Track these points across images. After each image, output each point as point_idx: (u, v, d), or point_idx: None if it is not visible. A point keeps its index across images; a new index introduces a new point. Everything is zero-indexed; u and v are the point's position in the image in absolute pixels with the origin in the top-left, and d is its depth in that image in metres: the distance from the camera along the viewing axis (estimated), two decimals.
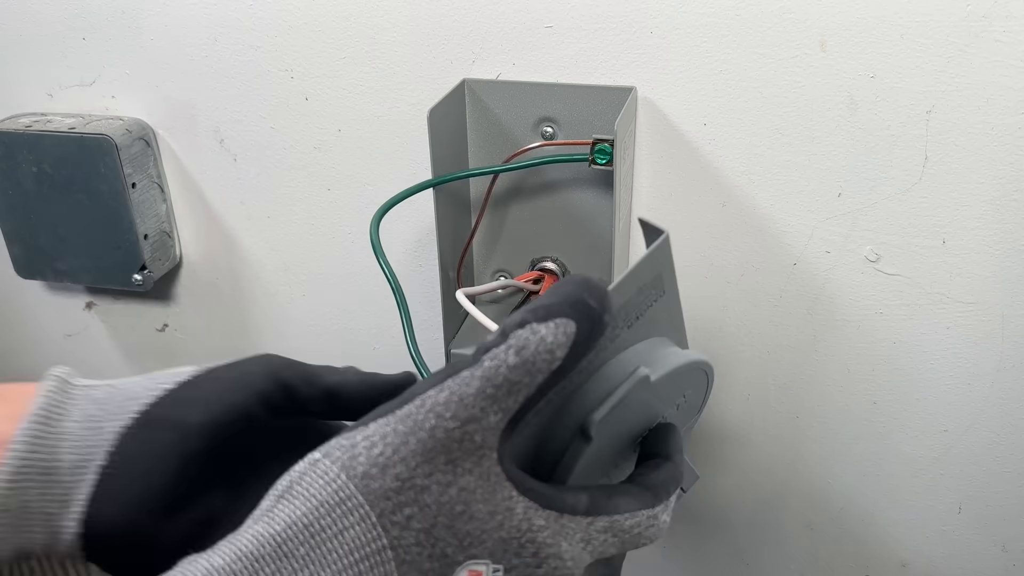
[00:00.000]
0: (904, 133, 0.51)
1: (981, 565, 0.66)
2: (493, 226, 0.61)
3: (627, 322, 0.33)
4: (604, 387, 0.32)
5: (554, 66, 0.55)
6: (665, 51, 0.53)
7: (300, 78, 0.61)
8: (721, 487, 0.69)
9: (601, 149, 0.50)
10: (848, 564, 0.70)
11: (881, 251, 0.56)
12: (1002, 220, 0.52)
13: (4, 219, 0.68)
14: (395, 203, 0.53)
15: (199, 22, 0.61)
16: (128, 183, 0.64)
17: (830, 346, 0.60)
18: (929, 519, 0.65)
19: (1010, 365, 0.57)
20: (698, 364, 0.35)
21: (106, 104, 0.66)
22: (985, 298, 0.55)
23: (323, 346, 0.72)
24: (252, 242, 0.69)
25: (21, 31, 0.65)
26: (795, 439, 0.65)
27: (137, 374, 0.39)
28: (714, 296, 0.60)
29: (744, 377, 0.63)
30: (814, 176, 0.54)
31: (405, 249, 0.65)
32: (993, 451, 0.61)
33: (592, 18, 0.53)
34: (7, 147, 0.64)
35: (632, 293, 0.32)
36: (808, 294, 0.58)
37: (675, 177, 0.57)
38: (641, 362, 0.33)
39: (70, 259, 0.68)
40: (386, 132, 0.61)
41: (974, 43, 0.48)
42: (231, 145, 0.65)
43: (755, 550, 0.72)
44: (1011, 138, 0.50)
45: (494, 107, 0.57)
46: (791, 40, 0.51)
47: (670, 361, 0.34)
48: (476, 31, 0.56)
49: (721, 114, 0.54)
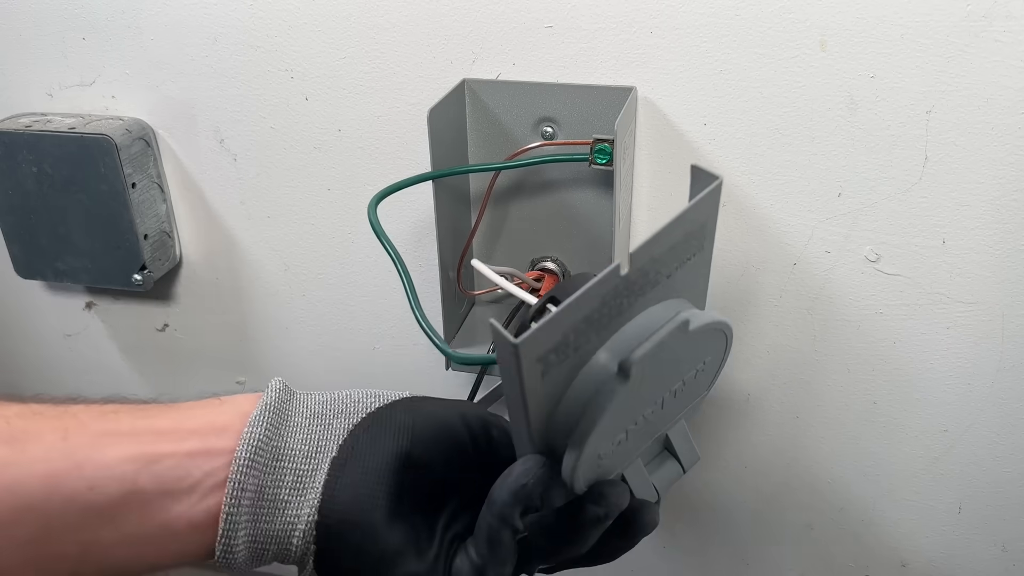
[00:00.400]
0: (904, 133, 0.51)
1: (981, 565, 0.66)
2: (493, 226, 0.61)
3: (667, 271, 0.33)
4: (642, 331, 0.32)
5: (554, 66, 0.55)
6: (665, 51, 0.53)
7: (300, 78, 0.61)
8: (721, 487, 0.69)
9: (601, 149, 0.50)
10: (848, 564, 0.70)
11: (881, 251, 0.56)
12: (1002, 220, 0.52)
13: (4, 219, 0.68)
14: (393, 190, 0.53)
15: (199, 22, 0.61)
16: (128, 183, 0.64)
17: (830, 346, 0.60)
18: (929, 519, 0.65)
19: (1010, 365, 0.57)
20: (725, 325, 0.35)
21: (106, 104, 0.66)
22: (985, 298, 0.55)
23: (323, 346, 0.72)
24: (252, 242, 0.69)
25: (21, 31, 0.65)
26: (795, 439, 0.65)
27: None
28: (714, 296, 0.60)
29: (744, 377, 0.63)
30: (814, 176, 0.54)
31: (405, 249, 0.65)
32: (993, 451, 0.61)
33: (592, 18, 0.53)
34: (7, 147, 0.64)
35: (679, 238, 0.32)
36: (808, 294, 0.58)
37: (675, 177, 0.57)
38: (678, 310, 0.33)
39: (70, 259, 0.68)
40: (386, 132, 0.61)
41: (974, 43, 0.48)
42: (231, 145, 0.65)
43: (755, 550, 0.72)
44: (1011, 138, 0.50)
45: (494, 107, 0.57)
46: (791, 40, 0.51)
47: (706, 315, 0.34)
48: (476, 31, 0.56)
49: (721, 114, 0.54)
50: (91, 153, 0.63)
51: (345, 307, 0.70)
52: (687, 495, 0.71)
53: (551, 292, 0.38)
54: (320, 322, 0.71)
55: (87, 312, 0.78)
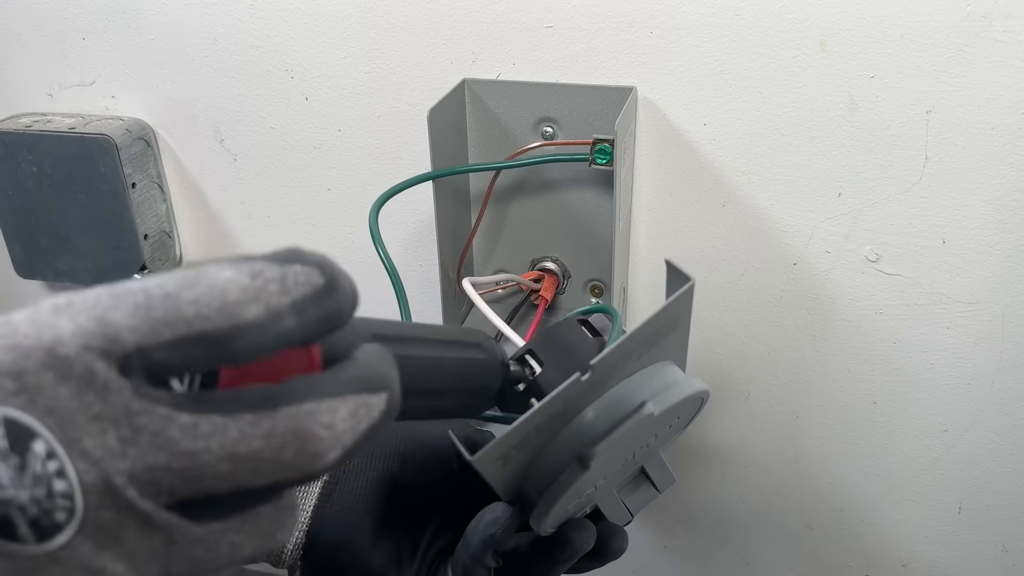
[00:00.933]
0: (904, 133, 0.51)
1: (981, 565, 0.66)
2: (493, 226, 0.61)
3: (638, 353, 0.33)
4: (608, 416, 0.33)
5: (554, 66, 0.55)
6: (665, 51, 0.53)
7: (300, 78, 0.61)
8: (721, 487, 0.69)
9: (601, 149, 0.50)
10: (848, 564, 0.70)
11: (881, 251, 0.56)
12: (1002, 220, 0.52)
13: (4, 219, 0.68)
14: (395, 193, 0.52)
15: (199, 22, 0.61)
16: (128, 183, 0.64)
17: (830, 346, 0.60)
18: (929, 519, 0.65)
19: (1010, 365, 0.57)
20: (699, 395, 0.36)
21: (106, 104, 0.66)
22: (985, 298, 0.55)
23: None
24: (252, 242, 0.69)
25: (21, 31, 0.65)
26: (795, 439, 0.65)
27: None
28: (714, 296, 0.60)
29: (744, 377, 0.63)
30: (814, 176, 0.54)
31: (405, 249, 0.65)
32: (993, 451, 0.61)
33: (592, 18, 0.53)
34: (7, 147, 0.64)
35: (649, 333, 0.33)
36: (808, 294, 0.58)
37: (675, 177, 0.57)
38: (646, 391, 0.33)
39: (70, 259, 0.68)
40: (386, 132, 0.61)
41: (974, 43, 0.48)
42: (231, 145, 0.65)
43: (755, 550, 0.72)
44: (1011, 138, 0.50)
45: (494, 107, 0.57)
46: (791, 40, 0.51)
47: (674, 394, 0.34)
48: (476, 31, 0.56)
49: (721, 114, 0.54)
50: (91, 153, 0.63)
51: None
52: (687, 495, 0.71)
53: (529, 344, 0.38)
54: None
55: None
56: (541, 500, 0.34)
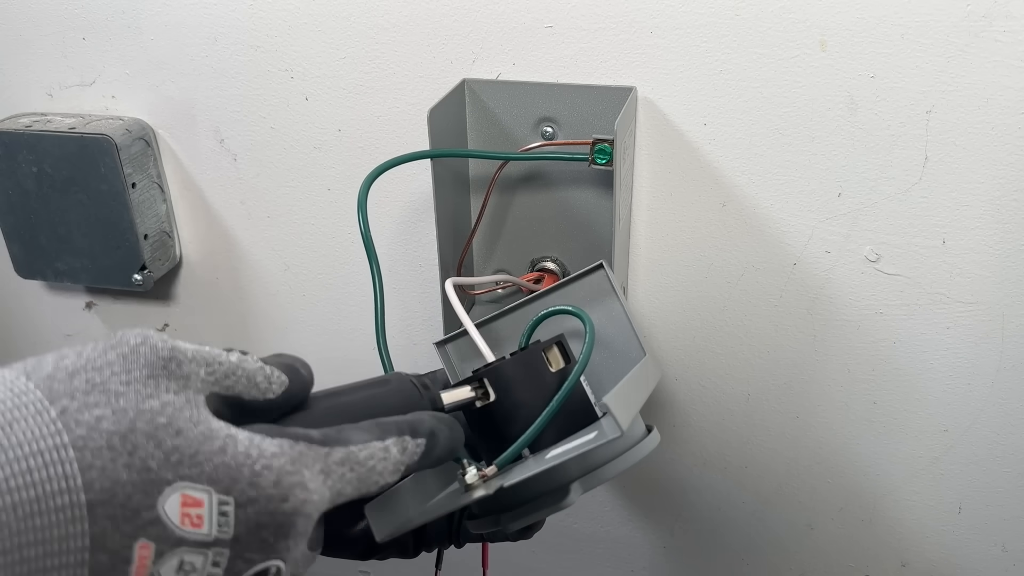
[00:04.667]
0: (904, 133, 0.51)
1: (981, 565, 0.66)
2: (493, 226, 0.61)
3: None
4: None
5: (554, 66, 0.55)
6: (665, 51, 0.53)
7: (300, 78, 0.61)
8: (721, 487, 0.69)
9: (601, 149, 0.50)
10: (848, 564, 0.70)
11: (881, 251, 0.56)
12: (1002, 220, 0.52)
13: (4, 219, 0.68)
14: (389, 167, 0.51)
15: (199, 22, 0.61)
16: (128, 183, 0.64)
17: (830, 346, 0.60)
18: (929, 519, 0.65)
19: (1010, 365, 0.57)
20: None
21: (106, 104, 0.66)
22: (985, 298, 0.55)
23: (323, 346, 0.72)
24: (252, 242, 0.69)
25: (21, 31, 0.65)
26: (795, 439, 0.65)
27: None
28: (714, 296, 0.60)
29: (744, 377, 0.63)
30: (814, 176, 0.54)
31: (405, 248, 0.65)
32: (993, 451, 0.61)
33: (592, 18, 0.53)
34: (7, 147, 0.64)
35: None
36: (808, 294, 0.58)
37: (675, 177, 0.57)
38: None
39: (70, 259, 0.68)
40: (386, 132, 0.61)
41: (974, 43, 0.48)
42: (231, 145, 0.65)
43: (755, 550, 0.72)
44: (1011, 138, 0.50)
45: (494, 107, 0.57)
46: (791, 40, 0.51)
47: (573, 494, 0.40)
48: (476, 31, 0.56)
49: (721, 114, 0.54)
50: (91, 153, 0.63)
51: (345, 307, 0.70)
52: (688, 495, 0.71)
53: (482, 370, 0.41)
54: (320, 322, 0.71)
55: (87, 312, 0.78)
56: None
